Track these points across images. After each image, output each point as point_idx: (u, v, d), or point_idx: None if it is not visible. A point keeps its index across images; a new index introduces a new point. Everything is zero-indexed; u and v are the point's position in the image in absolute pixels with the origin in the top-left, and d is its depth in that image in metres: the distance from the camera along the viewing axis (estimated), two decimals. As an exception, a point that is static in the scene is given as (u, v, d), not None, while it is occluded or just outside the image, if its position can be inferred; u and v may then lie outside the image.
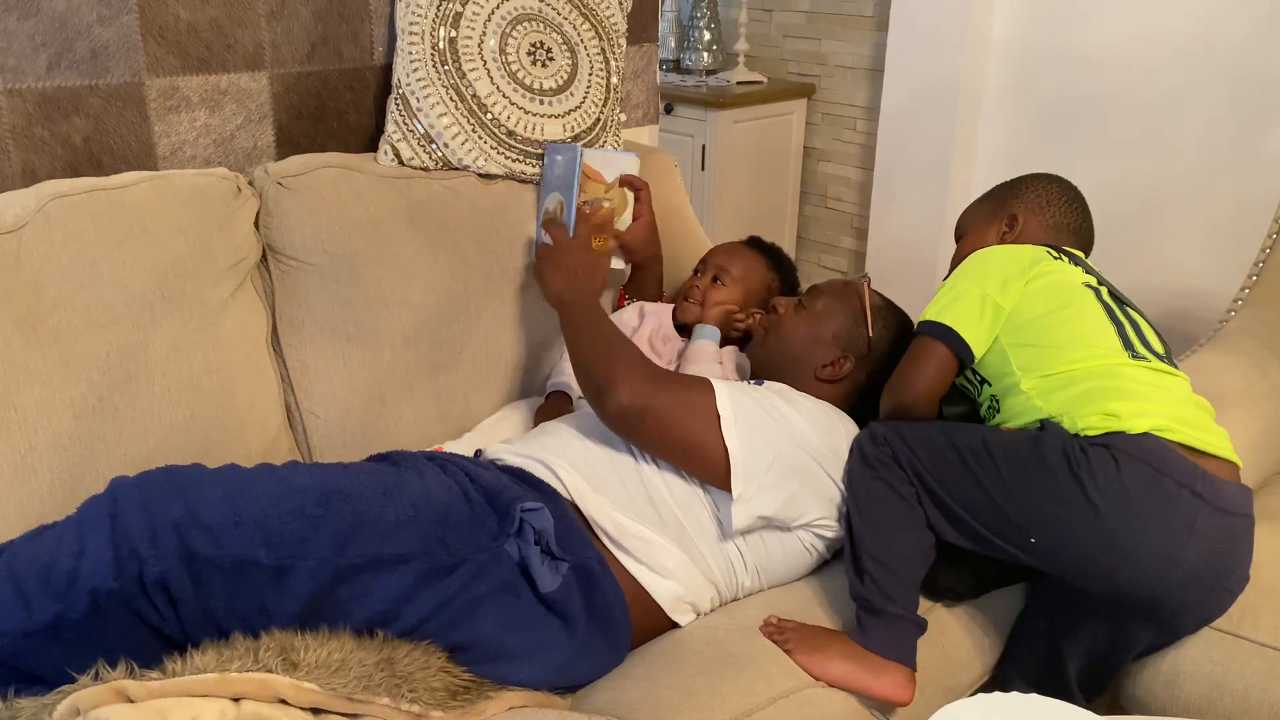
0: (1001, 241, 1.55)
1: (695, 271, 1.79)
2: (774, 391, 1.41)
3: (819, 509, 1.37)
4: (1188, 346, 1.90)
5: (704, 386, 1.34)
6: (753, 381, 1.48)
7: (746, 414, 1.32)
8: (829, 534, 1.40)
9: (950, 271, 1.53)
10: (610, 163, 1.70)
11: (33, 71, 1.38)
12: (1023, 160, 3.01)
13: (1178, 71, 2.58)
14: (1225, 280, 2.38)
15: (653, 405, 1.30)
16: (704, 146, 3.32)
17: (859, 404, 1.52)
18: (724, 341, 1.72)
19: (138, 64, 1.46)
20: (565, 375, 1.67)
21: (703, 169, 3.34)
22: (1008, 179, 1.64)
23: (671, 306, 1.78)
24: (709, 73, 3.52)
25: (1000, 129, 3.03)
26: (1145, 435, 1.25)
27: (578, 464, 1.35)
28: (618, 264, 1.76)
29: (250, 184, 1.55)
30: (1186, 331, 2.47)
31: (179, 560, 1.06)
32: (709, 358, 1.63)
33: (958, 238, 1.65)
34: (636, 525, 1.30)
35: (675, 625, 1.32)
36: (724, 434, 1.30)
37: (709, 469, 1.32)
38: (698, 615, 1.35)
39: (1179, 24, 2.55)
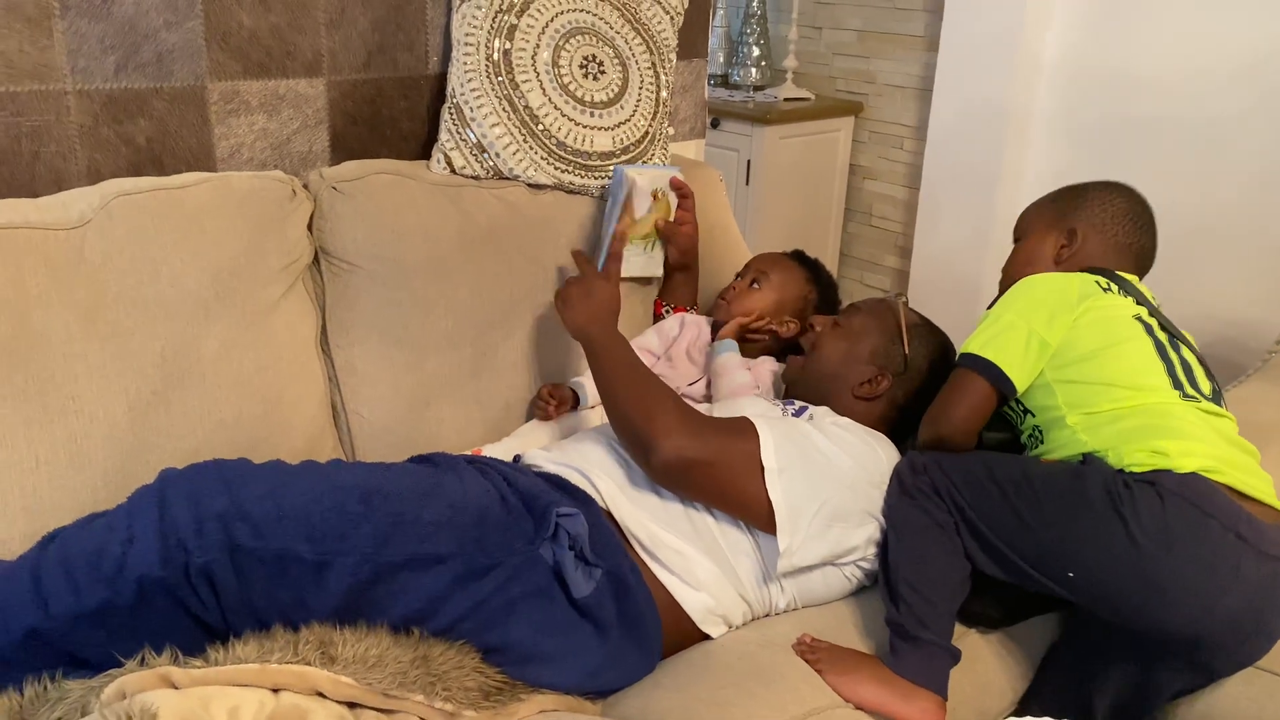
0: (1058, 255, 1.52)
1: (737, 275, 1.80)
2: (816, 425, 1.40)
3: (862, 548, 1.36)
4: (1235, 376, 1.87)
5: (748, 435, 1.32)
6: (794, 405, 1.48)
7: (791, 463, 1.31)
8: (869, 565, 1.39)
9: (1001, 283, 1.50)
10: (653, 179, 1.71)
11: (101, 73, 1.42)
12: (1070, 182, 2.98)
13: (1232, 98, 2.54)
14: (1275, 310, 2.34)
15: (696, 461, 1.29)
16: (749, 162, 3.32)
17: (898, 421, 1.52)
18: (750, 351, 1.73)
19: (201, 68, 1.50)
20: (581, 377, 1.69)
21: (747, 184, 3.35)
22: (1075, 183, 1.59)
23: (710, 320, 1.79)
24: (757, 88, 3.53)
25: (1049, 150, 3.00)
26: (1193, 475, 1.23)
27: (615, 474, 1.36)
28: (656, 269, 1.77)
29: (305, 187, 1.58)
30: (1234, 361, 2.43)
31: (223, 552, 1.08)
32: (736, 367, 1.64)
33: (1016, 240, 1.61)
34: (671, 537, 1.31)
35: (706, 636, 1.33)
36: (768, 487, 1.29)
37: (754, 518, 1.32)
38: (729, 628, 1.35)
39: (1234, 50, 2.52)
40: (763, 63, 3.54)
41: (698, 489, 1.32)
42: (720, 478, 1.30)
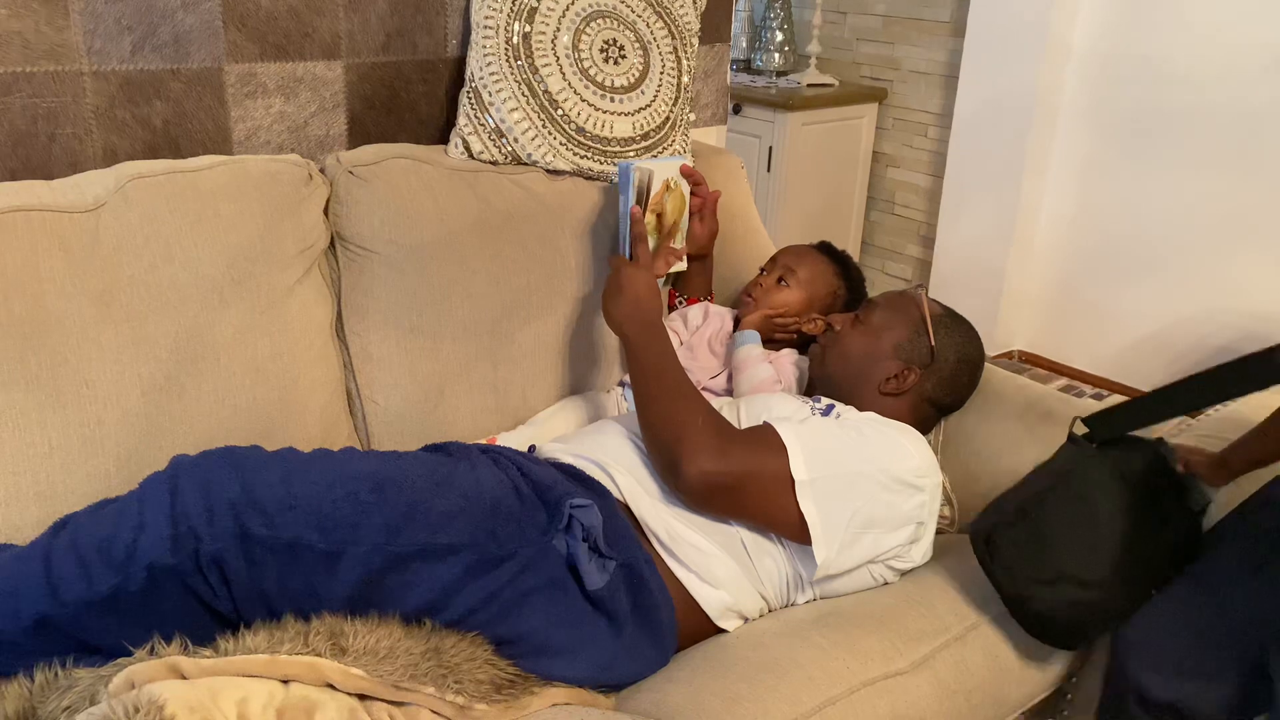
0: None
1: (762, 270, 1.77)
2: (843, 425, 1.37)
3: (894, 549, 1.34)
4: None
5: (775, 450, 1.29)
6: (822, 403, 1.45)
7: (821, 473, 1.28)
8: (900, 564, 1.37)
9: None
10: (663, 169, 1.68)
11: (118, 54, 1.41)
12: (1099, 172, 2.94)
13: (1265, 89, 2.50)
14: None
15: (721, 486, 1.27)
16: (771, 148, 3.30)
17: (929, 414, 1.50)
18: (774, 346, 1.70)
19: (218, 50, 1.48)
20: None
21: (769, 171, 3.32)
22: None
23: (734, 311, 1.77)
24: (779, 74, 3.50)
25: (1076, 139, 2.96)
26: None
27: (634, 467, 1.34)
28: (679, 265, 1.75)
29: (321, 171, 1.57)
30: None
31: (234, 540, 1.08)
32: (758, 360, 1.62)
33: None
34: (691, 533, 1.29)
35: (721, 630, 1.31)
36: (799, 499, 1.27)
37: (785, 531, 1.30)
38: (744, 621, 1.34)
39: (1267, 40, 2.47)
40: (786, 48, 3.51)
41: (725, 510, 1.30)
42: (748, 498, 1.28)
